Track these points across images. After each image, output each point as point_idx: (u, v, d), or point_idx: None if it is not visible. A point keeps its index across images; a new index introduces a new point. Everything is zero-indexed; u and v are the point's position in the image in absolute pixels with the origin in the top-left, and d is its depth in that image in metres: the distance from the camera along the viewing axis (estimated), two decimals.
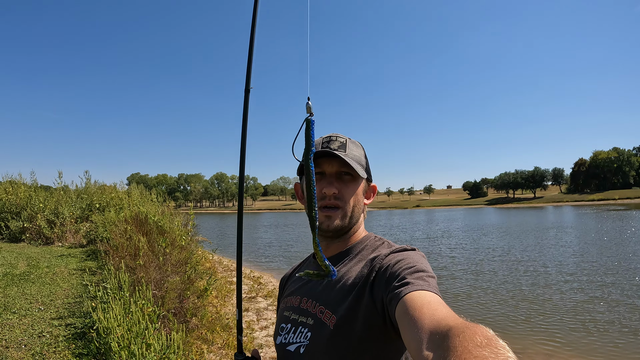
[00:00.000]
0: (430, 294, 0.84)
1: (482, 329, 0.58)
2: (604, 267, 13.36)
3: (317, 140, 1.17)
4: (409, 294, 0.84)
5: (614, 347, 6.80)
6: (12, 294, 5.04)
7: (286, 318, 1.18)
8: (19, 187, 10.64)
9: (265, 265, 16.23)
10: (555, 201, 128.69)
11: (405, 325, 0.77)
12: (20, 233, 9.38)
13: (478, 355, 0.51)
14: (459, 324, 0.63)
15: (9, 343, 3.71)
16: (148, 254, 5.60)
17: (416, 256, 1.02)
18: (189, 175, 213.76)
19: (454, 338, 0.58)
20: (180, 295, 5.36)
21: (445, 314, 0.72)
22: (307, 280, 1.20)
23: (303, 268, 1.33)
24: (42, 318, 4.42)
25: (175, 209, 9.23)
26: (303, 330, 1.09)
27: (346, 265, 1.12)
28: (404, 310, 0.80)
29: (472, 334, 0.57)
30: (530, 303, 9.59)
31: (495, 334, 0.57)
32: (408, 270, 0.93)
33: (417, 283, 0.87)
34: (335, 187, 1.11)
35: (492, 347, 0.53)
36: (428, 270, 0.95)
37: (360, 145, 1.21)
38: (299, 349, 1.07)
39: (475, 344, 0.54)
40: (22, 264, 6.70)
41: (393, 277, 0.94)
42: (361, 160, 1.16)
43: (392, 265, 0.98)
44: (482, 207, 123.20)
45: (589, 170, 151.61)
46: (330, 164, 1.12)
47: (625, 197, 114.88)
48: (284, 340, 1.13)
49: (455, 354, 0.54)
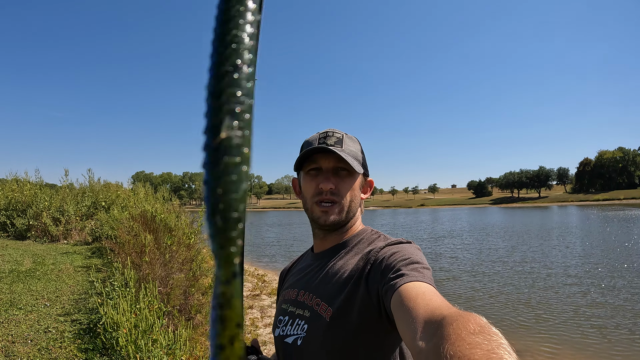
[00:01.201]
0: (425, 284, 0.84)
1: (476, 317, 0.59)
2: (611, 269, 13.30)
3: (314, 136, 1.19)
4: (403, 285, 0.85)
5: (620, 349, 6.76)
6: (18, 291, 5.09)
7: (284, 311, 1.19)
8: (24, 185, 10.71)
9: (269, 264, 16.25)
10: (560, 201, 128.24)
11: (400, 316, 0.78)
12: (26, 231, 9.45)
13: (471, 342, 0.51)
14: (453, 312, 0.64)
15: (16, 338, 3.74)
16: (154, 252, 5.63)
17: (411, 248, 1.03)
18: (193, 174, 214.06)
19: (447, 326, 0.58)
20: (185, 292, 5.39)
21: (439, 304, 0.73)
22: (305, 273, 1.22)
23: (302, 262, 1.34)
24: (48, 314, 4.45)
25: (180, 207, 9.27)
26: (300, 322, 1.10)
27: (342, 259, 1.13)
28: (399, 301, 0.81)
29: (465, 322, 0.57)
30: (534, 302, 9.55)
31: (488, 321, 0.58)
32: (403, 262, 0.94)
33: (412, 274, 0.88)
34: (332, 182, 1.12)
35: (485, 333, 0.53)
36: (423, 262, 0.96)
37: (356, 140, 1.22)
38: (297, 341, 1.08)
39: (468, 331, 0.54)
40: (27, 261, 6.75)
41: (388, 269, 0.95)
42: (357, 155, 1.18)
43: (388, 257, 0.99)
44: (486, 207, 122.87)
45: (594, 170, 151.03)
46: (327, 160, 1.14)
47: (631, 197, 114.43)
48: (282, 333, 1.15)
49: (449, 341, 0.54)
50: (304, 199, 1.20)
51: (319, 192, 1.13)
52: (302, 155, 1.15)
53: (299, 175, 1.24)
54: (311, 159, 1.16)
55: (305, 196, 1.18)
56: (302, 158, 1.16)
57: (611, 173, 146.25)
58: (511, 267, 13.96)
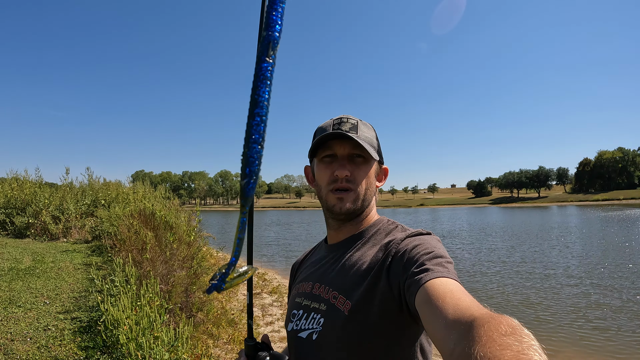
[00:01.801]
0: (452, 281, 0.81)
1: (507, 319, 0.58)
2: (613, 269, 13.28)
3: (328, 122, 1.15)
4: (429, 282, 0.81)
5: (621, 348, 6.73)
6: (17, 288, 5.04)
7: (298, 304, 1.15)
8: (24, 183, 10.67)
9: (269, 262, 16.24)
10: (559, 201, 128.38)
11: (427, 315, 0.75)
12: (25, 229, 9.40)
13: (502, 343, 0.51)
14: (484, 314, 0.63)
15: (15, 336, 3.70)
16: (155, 249, 5.59)
17: (433, 241, 1.00)
18: (193, 173, 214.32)
19: (479, 328, 0.57)
20: (186, 290, 5.35)
21: (469, 303, 0.70)
22: (320, 265, 1.18)
23: (315, 254, 1.30)
24: (48, 312, 4.40)
25: (180, 206, 9.23)
26: (315, 316, 1.06)
27: (359, 250, 1.09)
28: (426, 298, 0.78)
29: (497, 324, 0.56)
30: (534, 302, 9.54)
31: (520, 323, 0.57)
32: (426, 255, 0.91)
33: (437, 269, 0.85)
34: (348, 169, 1.08)
35: (517, 335, 0.53)
36: (446, 256, 0.93)
37: (371, 127, 1.18)
38: (311, 335, 1.04)
39: (500, 333, 0.54)
40: (27, 258, 6.70)
41: (411, 263, 0.91)
42: (373, 142, 1.14)
43: (410, 250, 0.96)
44: (486, 207, 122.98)
45: (593, 170, 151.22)
46: (342, 146, 1.10)
47: (631, 197, 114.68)
48: (296, 327, 1.11)
49: (480, 342, 0.54)
50: (317, 187, 1.16)
51: (334, 180, 1.09)
52: (317, 141, 1.10)
53: (312, 162, 1.20)
54: (326, 146, 1.11)
55: (320, 184, 1.14)
56: (316, 144, 1.11)
57: (611, 173, 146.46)
58: (510, 267, 13.96)
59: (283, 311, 8.06)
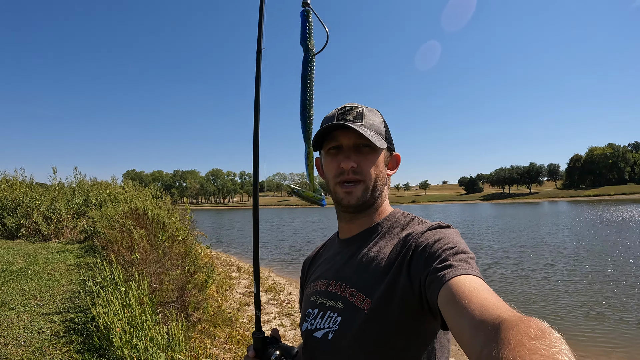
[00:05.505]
0: (476, 278, 0.78)
1: (536, 321, 0.57)
2: (611, 265, 13.39)
3: (333, 112, 1.11)
4: (454, 279, 0.78)
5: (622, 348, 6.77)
6: (9, 290, 4.96)
7: (313, 303, 1.11)
8: (14, 183, 10.52)
9: (263, 260, 16.16)
10: (550, 197, 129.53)
11: (452, 314, 0.73)
12: (17, 230, 9.28)
13: (531, 348, 0.50)
14: (512, 315, 0.61)
15: (8, 340, 3.63)
16: (146, 248, 5.52)
17: (454, 234, 0.96)
18: (184, 172, 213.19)
19: (507, 331, 0.56)
20: (182, 289, 5.29)
21: (496, 304, 0.68)
22: (334, 263, 1.14)
23: (327, 250, 1.26)
24: (41, 314, 4.34)
25: (171, 204, 9.14)
26: (332, 315, 1.02)
27: (376, 244, 1.05)
28: (450, 297, 0.75)
29: (526, 327, 0.55)
30: (534, 302, 9.59)
31: (550, 325, 0.56)
32: (449, 250, 0.87)
33: (461, 266, 0.82)
34: (354, 160, 1.04)
35: (546, 339, 0.52)
36: (468, 251, 0.89)
37: (378, 113, 1.14)
38: (327, 335, 1.01)
39: (529, 336, 0.53)
40: (19, 260, 6.60)
41: (433, 258, 0.88)
42: (380, 129, 1.09)
43: (431, 244, 0.92)
44: (477, 203, 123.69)
45: (584, 166, 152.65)
46: (347, 137, 1.06)
47: (621, 193, 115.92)
48: (310, 327, 1.07)
49: (509, 346, 0.52)
50: (326, 180, 1.13)
51: (341, 172, 1.05)
52: (319, 133, 1.07)
53: (321, 154, 1.17)
54: (331, 137, 1.08)
55: (328, 177, 1.11)
56: (319, 136, 1.08)
57: (601, 169, 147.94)
58: (506, 265, 14.01)
59: (279, 309, 8.03)
